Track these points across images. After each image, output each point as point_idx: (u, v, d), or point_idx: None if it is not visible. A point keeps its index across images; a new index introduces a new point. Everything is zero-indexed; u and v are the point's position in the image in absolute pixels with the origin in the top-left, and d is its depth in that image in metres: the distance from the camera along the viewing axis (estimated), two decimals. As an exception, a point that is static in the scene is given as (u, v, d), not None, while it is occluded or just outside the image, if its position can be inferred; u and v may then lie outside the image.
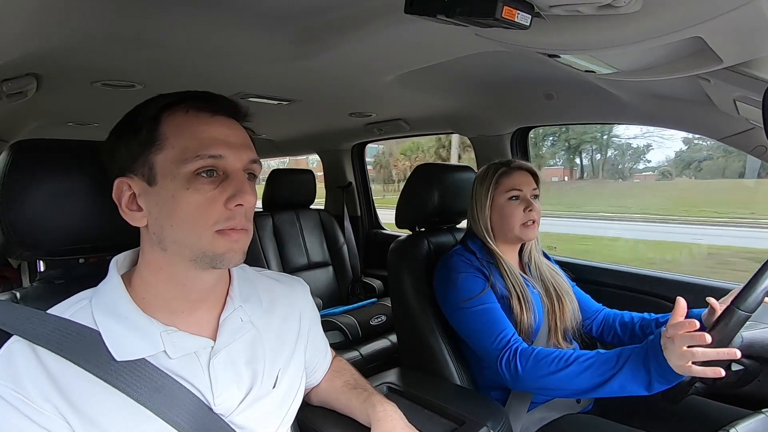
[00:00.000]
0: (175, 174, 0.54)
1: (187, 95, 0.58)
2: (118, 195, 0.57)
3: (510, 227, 1.14)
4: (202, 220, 0.55)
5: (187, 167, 0.54)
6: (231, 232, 0.56)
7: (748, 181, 3.85)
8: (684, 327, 0.79)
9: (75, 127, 1.98)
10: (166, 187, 0.55)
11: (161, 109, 0.57)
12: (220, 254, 0.56)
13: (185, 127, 0.56)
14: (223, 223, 0.55)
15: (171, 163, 0.54)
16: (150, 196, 0.56)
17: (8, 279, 2.09)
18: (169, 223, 0.55)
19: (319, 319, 0.82)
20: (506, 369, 0.97)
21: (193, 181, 0.54)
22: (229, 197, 0.55)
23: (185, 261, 0.57)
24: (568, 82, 1.27)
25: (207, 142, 0.55)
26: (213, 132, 0.56)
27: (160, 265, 0.58)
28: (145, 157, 0.55)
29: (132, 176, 0.56)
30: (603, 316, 1.23)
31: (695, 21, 0.54)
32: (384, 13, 0.84)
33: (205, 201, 0.55)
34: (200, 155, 0.54)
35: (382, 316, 2.04)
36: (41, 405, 0.51)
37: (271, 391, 0.66)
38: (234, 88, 1.39)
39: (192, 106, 0.57)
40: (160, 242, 0.57)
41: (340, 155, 2.71)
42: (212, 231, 0.55)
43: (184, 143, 0.55)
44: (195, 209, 0.54)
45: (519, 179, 1.15)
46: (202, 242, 0.55)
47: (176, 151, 0.55)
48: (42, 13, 0.75)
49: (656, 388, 0.84)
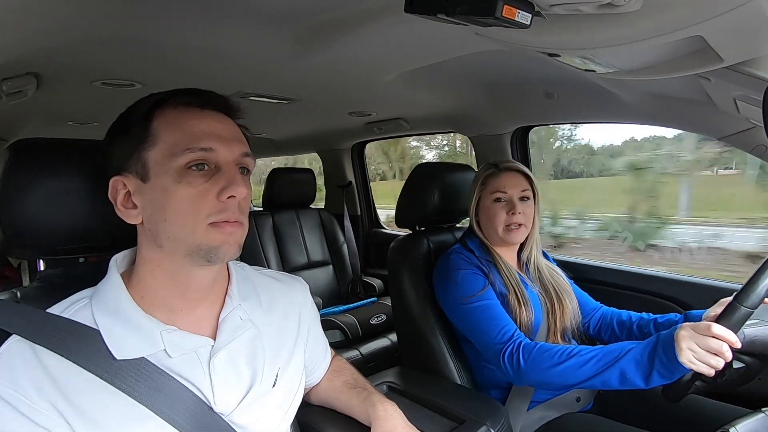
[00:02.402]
0: (167, 168, 0.55)
1: (176, 92, 0.58)
2: (113, 194, 0.58)
3: (494, 229, 1.14)
4: (194, 214, 0.55)
5: (177, 161, 0.54)
6: (225, 225, 0.56)
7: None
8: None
9: (75, 126, 1.98)
10: (159, 182, 0.55)
11: (152, 106, 0.57)
12: (215, 247, 0.56)
13: (175, 122, 0.56)
14: (216, 215, 0.55)
15: (162, 158, 0.55)
16: (144, 193, 0.56)
17: (8, 278, 2.09)
18: (162, 218, 0.55)
19: (318, 318, 0.82)
20: (509, 363, 0.97)
21: (185, 175, 0.55)
22: (221, 189, 0.55)
23: (181, 257, 0.57)
24: (569, 82, 1.27)
25: (197, 135, 0.55)
26: (202, 126, 0.57)
27: (157, 262, 0.59)
28: (137, 154, 0.56)
29: (126, 174, 0.57)
30: (600, 314, 1.23)
31: (696, 20, 0.54)
32: (384, 13, 0.84)
33: (197, 194, 0.55)
34: (190, 148, 0.54)
35: (382, 315, 2.04)
36: (40, 404, 0.51)
37: (271, 389, 0.66)
38: (234, 87, 1.39)
39: (181, 101, 0.57)
40: (156, 239, 0.57)
41: (340, 154, 2.71)
42: (205, 224, 0.55)
43: (175, 138, 0.55)
44: (187, 203, 0.55)
45: (506, 181, 1.14)
46: (195, 236, 0.55)
47: (167, 146, 0.55)
48: (42, 13, 0.75)
49: (655, 381, 0.84)
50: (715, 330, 0.79)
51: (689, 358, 0.80)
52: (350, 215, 2.70)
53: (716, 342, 0.79)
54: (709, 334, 0.79)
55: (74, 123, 1.93)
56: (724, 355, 0.79)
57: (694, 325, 0.82)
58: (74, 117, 1.84)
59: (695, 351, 0.80)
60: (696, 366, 0.80)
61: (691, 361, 0.80)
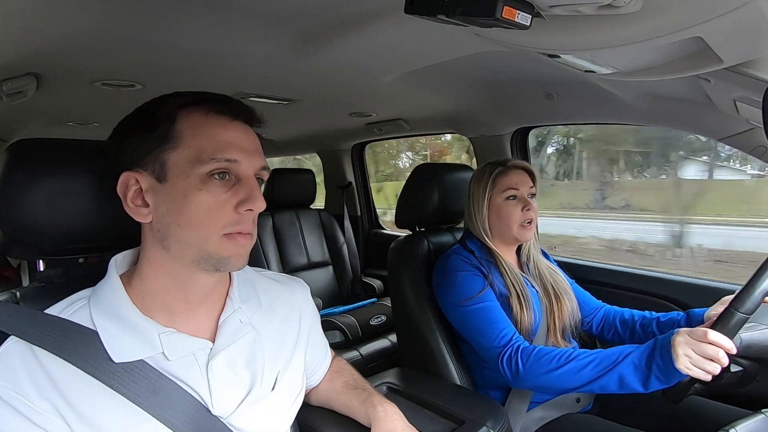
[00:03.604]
0: (189, 173, 0.54)
1: (206, 97, 0.58)
2: (123, 189, 0.57)
3: (508, 227, 1.14)
4: (211, 222, 0.55)
5: (202, 168, 0.54)
6: (238, 237, 0.57)
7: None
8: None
9: (75, 126, 1.98)
10: (178, 185, 0.55)
11: (178, 107, 0.56)
12: (226, 258, 0.57)
13: (203, 129, 0.56)
14: (232, 227, 0.56)
15: (185, 162, 0.55)
16: (159, 193, 0.56)
17: (8, 278, 2.09)
18: (176, 221, 0.55)
19: (319, 320, 0.82)
20: (507, 367, 0.97)
21: (206, 182, 0.55)
22: (240, 201, 0.56)
23: (187, 261, 0.57)
24: (569, 82, 1.27)
25: (224, 145, 0.56)
26: (229, 136, 0.57)
27: (160, 263, 0.58)
28: (157, 153, 0.55)
29: (140, 171, 0.56)
30: (603, 313, 1.24)
31: (695, 21, 0.54)
32: (384, 13, 0.84)
33: (216, 203, 0.55)
34: (216, 158, 0.55)
35: (381, 316, 2.04)
36: (40, 405, 0.51)
37: (270, 392, 0.65)
38: (234, 87, 1.39)
39: (212, 108, 0.57)
40: (164, 240, 0.56)
41: (340, 155, 2.71)
42: (220, 234, 0.56)
43: (201, 144, 0.55)
44: (205, 210, 0.55)
45: (516, 178, 1.15)
46: (208, 244, 0.55)
47: (192, 151, 0.55)
48: (42, 13, 0.75)
49: (653, 385, 0.84)
50: (711, 336, 0.79)
51: (686, 364, 0.80)
52: (350, 216, 2.70)
53: (712, 348, 0.79)
54: (705, 340, 0.79)
55: (74, 123, 1.93)
56: (720, 361, 0.79)
57: (691, 331, 0.82)
58: (74, 117, 1.84)
59: (691, 357, 0.80)
60: (693, 372, 0.80)
61: (688, 367, 0.80)
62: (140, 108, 0.59)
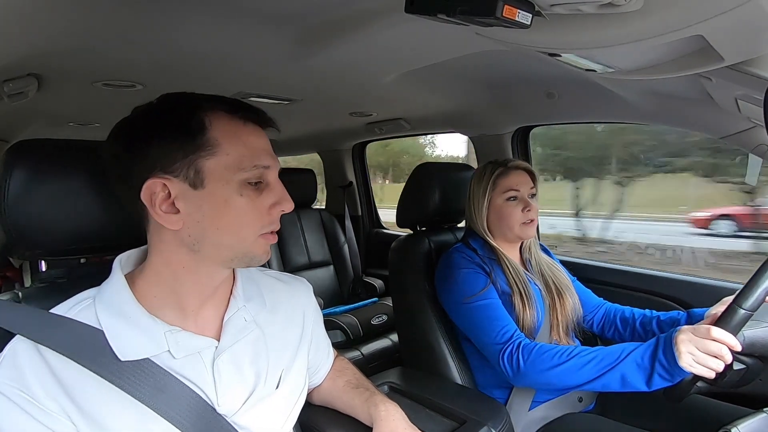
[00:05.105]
0: (229, 180, 0.56)
1: (237, 104, 0.59)
2: (149, 196, 0.55)
3: (509, 227, 1.14)
4: (251, 225, 0.58)
5: (243, 175, 0.56)
6: (270, 236, 0.61)
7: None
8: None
9: (76, 127, 1.98)
10: (217, 191, 0.55)
11: (207, 113, 0.56)
12: (259, 255, 0.60)
13: (238, 136, 0.57)
14: (267, 227, 0.60)
15: (224, 169, 0.55)
16: (192, 199, 0.55)
17: (10, 279, 2.09)
18: (215, 226, 0.56)
19: (321, 319, 0.82)
20: (508, 364, 0.97)
21: (244, 188, 0.57)
22: (274, 203, 0.60)
23: (218, 261, 0.59)
24: (570, 81, 1.27)
25: (258, 152, 0.58)
26: (261, 143, 0.60)
27: (183, 263, 0.59)
28: (192, 160, 0.54)
29: (169, 177, 0.55)
30: (604, 311, 1.24)
31: (696, 19, 0.54)
32: (384, 13, 0.84)
33: (253, 207, 0.58)
34: (256, 165, 0.57)
35: (383, 315, 2.04)
36: (47, 405, 0.51)
37: (275, 391, 0.66)
38: (235, 87, 1.39)
39: (246, 117, 0.59)
40: (195, 244, 0.57)
41: (340, 155, 2.71)
42: (257, 234, 0.59)
43: (240, 152, 0.56)
44: (244, 214, 0.57)
45: (516, 179, 1.15)
46: (245, 244, 0.58)
47: (231, 159, 0.56)
48: (42, 14, 0.75)
49: (657, 383, 0.84)
50: (714, 333, 0.79)
51: (689, 361, 0.80)
52: (351, 215, 2.70)
53: (716, 345, 0.79)
54: (708, 337, 0.79)
55: (75, 124, 1.93)
56: (723, 358, 0.79)
57: (694, 328, 0.82)
58: (75, 118, 1.84)
59: (695, 354, 0.80)
60: (696, 369, 0.80)
61: (691, 364, 0.80)
62: (160, 112, 0.57)
